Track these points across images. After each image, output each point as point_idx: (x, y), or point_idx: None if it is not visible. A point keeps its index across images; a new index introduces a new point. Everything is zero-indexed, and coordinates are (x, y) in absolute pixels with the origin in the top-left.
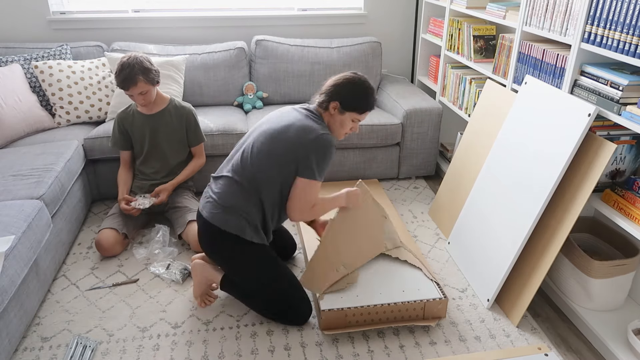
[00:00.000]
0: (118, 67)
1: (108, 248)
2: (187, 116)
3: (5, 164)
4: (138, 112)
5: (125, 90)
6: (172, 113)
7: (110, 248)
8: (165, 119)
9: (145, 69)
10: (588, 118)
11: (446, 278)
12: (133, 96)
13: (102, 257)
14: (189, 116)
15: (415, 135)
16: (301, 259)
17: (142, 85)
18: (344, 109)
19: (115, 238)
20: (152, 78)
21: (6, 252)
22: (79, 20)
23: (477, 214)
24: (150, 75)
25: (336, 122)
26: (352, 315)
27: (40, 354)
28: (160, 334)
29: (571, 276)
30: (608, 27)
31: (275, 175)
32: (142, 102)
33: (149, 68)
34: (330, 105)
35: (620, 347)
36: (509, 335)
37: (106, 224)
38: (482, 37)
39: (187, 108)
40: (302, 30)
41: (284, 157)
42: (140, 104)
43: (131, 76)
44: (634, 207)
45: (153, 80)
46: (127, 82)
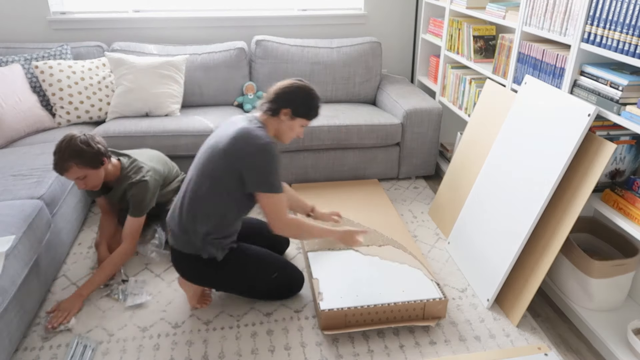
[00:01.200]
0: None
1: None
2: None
3: (5, 164)
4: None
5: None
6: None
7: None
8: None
9: (79, 153)
10: (588, 118)
11: (446, 278)
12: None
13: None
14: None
15: (415, 135)
16: (300, 259)
17: (76, 170)
18: (295, 115)
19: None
20: (89, 160)
21: (6, 252)
22: (79, 20)
23: (477, 213)
24: (84, 158)
25: (286, 127)
26: (352, 315)
27: (41, 354)
28: (160, 333)
29: (571, 276)
30: (608, 27)
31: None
32: (84, 187)
33: (84, 151)
34: (281, 112)
35: (620, 347)
36: (509, 335)
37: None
38: (482, 37)
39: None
40: (302, 30)
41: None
42: (80, 189)
43: (61, 162)
44: (634, 207)
45: (92, 162)
46: (58, 168)
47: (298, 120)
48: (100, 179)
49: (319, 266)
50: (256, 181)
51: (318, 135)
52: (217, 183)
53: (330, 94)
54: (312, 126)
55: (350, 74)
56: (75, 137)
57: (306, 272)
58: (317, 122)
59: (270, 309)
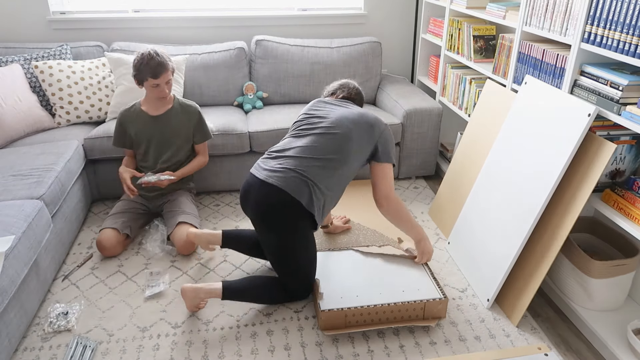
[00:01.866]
0: (144, 58)
1: (109, 248)
2: (194, 115)
3: (5, 164)
4: (142, 112)
5: (155, 79)
6: (179, 111)
7: (111, 248)
8: (172, 118)
9: (168, 59)
10: (588, 118)
11: (446, 278)
12: (159, 86)
13: (102, 257)
14: (196, 115)
15: (415, 135)
16: None
17: (169, 74)
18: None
19: (117, 238)
20: (173, 70)
21: (6, 252)
22: (79, 20)
23: (477, 214)
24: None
25: None
26: (352, 315)
27: (40, 354)
28: (160, 334)
29: (571, 276)
30: (608, 27)
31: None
32: (164, 94)
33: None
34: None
35: (620, 347)
36: (509, 335)
37: (107, 224)
38: (482, 37)
39: (193, 106)
40: (302, 30)
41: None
42: (161, 96)
43: (164, 62)
44: (634, 207)
45: (173, 70)
46: (161, 67)
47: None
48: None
49: (319, 266)
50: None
51: None
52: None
53: None
54: None
55: (350, 74)
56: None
57: None
58: None
59: (270, 309)
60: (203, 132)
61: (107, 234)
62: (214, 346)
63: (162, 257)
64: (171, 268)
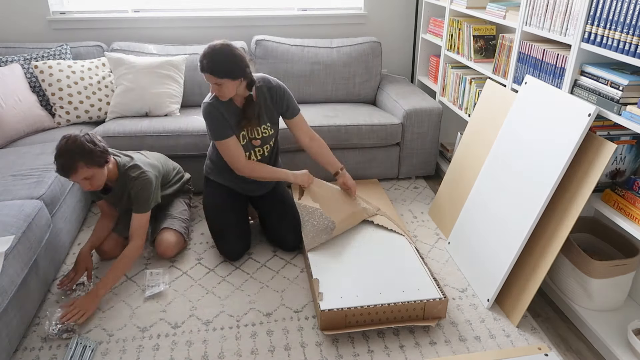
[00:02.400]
0: (56, 151)
1: (108, 251)
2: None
3: (5, 164)
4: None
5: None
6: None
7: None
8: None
9: (87, 152)
10: (588, 118)
11: (446, 278)
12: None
13: (101, 258)
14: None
15: (415, 135)
16: (300, 259)
17: (84, 170)
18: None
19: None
20: (97, 158)
21: (6, 252)
22: (79, 20)
23: (477, 214)
24: (92, 157)
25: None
26: (352, 315)
27: (40, 354)
28: (160, 334)
29: (571, 276)
30: (608, 27)
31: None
32: (89, 188)
33: (92, 150)
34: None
35: (620, 347)
36: (509, 335)
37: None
38: (482, 37)
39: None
40: (302, 30)
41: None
42: (85, 189)
43: (69, 163)
44: (634, 207)
45: (99, 160)
46: (66, 170)
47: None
48: (104, 177)
49: (319, 266)
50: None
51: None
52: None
53: (330, 94)
54: (312, 126)
55: (350, 74)
56: (79, 137)
57: (306, 272)
58: (317, 122)
59: (270, 309)
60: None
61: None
62: (214, 346)
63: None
64: (171, 268)
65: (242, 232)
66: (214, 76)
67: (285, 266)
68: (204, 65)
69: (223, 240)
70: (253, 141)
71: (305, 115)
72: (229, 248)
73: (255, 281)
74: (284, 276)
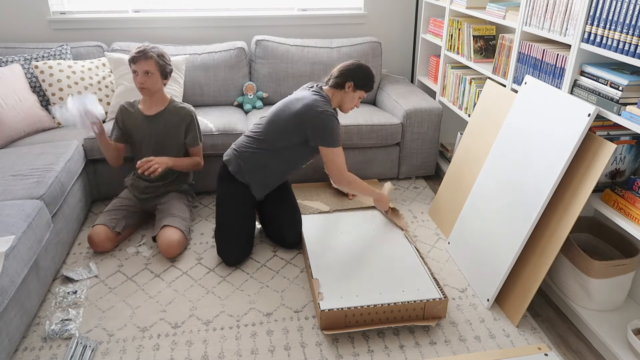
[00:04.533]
0: (139, 46)
1: (98, 243)
2: (187, 117)
3: (5, 164)
4: (138, 110)
5: (133, 64)
6: (171, 113)
7: (100, 243)
8: (164, 120)
9: (161, 55)
10: (588, 118)
11: (446, 278)
12: (136, 73)
13: (102, 258)
14: (189, 117)
15: (415, 135)
16: (300, 259)
17: (152, 64)
18: (356, 87)
19: (106, 234)
20: (163, 66)
21: (6, 252)
22: (79, 20)
23: (477, 214)
24: (162, 61)
25: (348, 98)
26: (352, 315)
27: (40, 354)
28: (160, 334)
29: (571, 276)
30: (608, 27)
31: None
32: (142, 83)
33: (165, 56)
34: (346, 85)
35: (620, 347)
36: (509, 335)
37: (100, 220)
38: (482, 37)
39: (186, 109)
40: (302, 30)
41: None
42: (139, 84)
43: (147, 52)
44: (634, 207)
45: (163, 68)
46: (140, 54)
47: (358, 92)
48: (159, 85)
49: (319, 266)
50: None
51: None
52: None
53: None
54: None
55: None
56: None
57: (306, 272)
58: None
59: (270, 308)
60: (194, 135)
61: (97, 229)
62: (214, 346)
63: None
64: (171, 268)
65: (246, 243)
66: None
67: (285, 266)
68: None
69: (225, 245)
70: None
71: None
72: (229, 254)
73: (255, 281)
74: (284, 276)
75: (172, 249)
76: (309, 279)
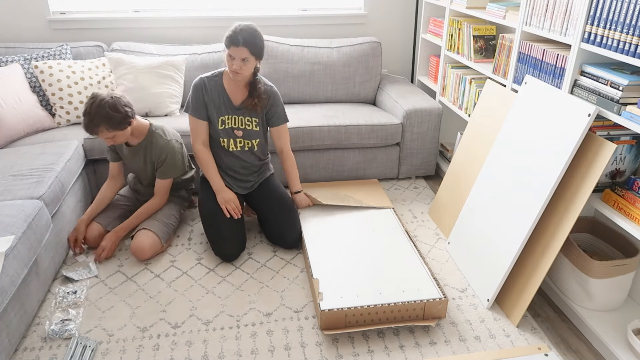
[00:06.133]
0: (84, 108)
1: (91, 240)
2: (163, 154)
3: (5, 164)
4: None
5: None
6: (151, 147)
7: (92, 240)
8: (140, 152)
9: (107, 117)
10: (588, 118)
11: (446, 278)
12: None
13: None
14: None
15: (415, 135)
16: (300, 259)
17: (106, 133)
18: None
19: (99, 232)
20: (118, 124)
21: (6, 252)
22: (79, 20)
23: (477, 214)
24: (113, 122)
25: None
26: (352, 315)
27: (40, 354)
28: (160, 334)
29: (571, 276)
30: (608, 27)
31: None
32: (110, 144)
33: (112, 116)
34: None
35: (620, 347)
36: (509, 335)
37: (96, 218)
38: (482, 37)
39: (164, 145)
40: (302, 30)
41: None
42: (108, 145)
43: (92, 126)
44: (634, 207)
45: (120, 125)
46: (88, 130)
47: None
48: (127, 136)
49: (319, 266)
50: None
51: (318, 136)
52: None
53: (330, 94)
54: (312, 126)
55: (350, 74)
56: (104, 102)
57: (306, 272)
58: (317, 122)
59: (270, 309)
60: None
61: (91, 227)
62: (214, 346)
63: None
64: (171, 268)
65: (237, 235)
66: (248, 50)
67: (285, 266)
68: (242, 38)
69: (218, 242)
70: (235, 131)
71: (306, 115)
72: (224, 250)
73: (255, 281)
74: (284, 276)
75: (140, 252)
76: (309, 279)
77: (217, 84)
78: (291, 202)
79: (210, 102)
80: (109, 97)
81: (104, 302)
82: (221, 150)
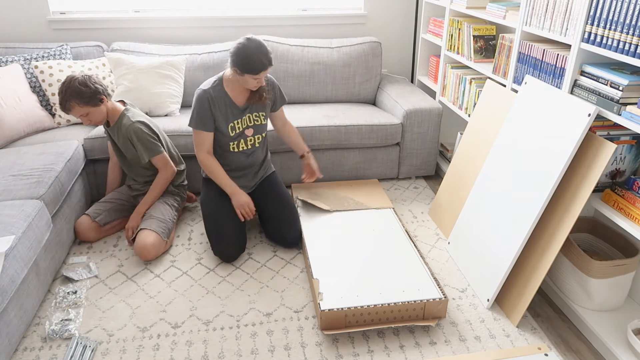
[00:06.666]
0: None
1: (80, 232)
2: (129, 135)
3: (5, 164)
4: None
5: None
6: (120, 129)
7: (81, 233)
8: (116, 134)
9: (78, 92)
10: (588, 118)
11: (446, 278)
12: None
13: (102, 258)
14: (131, 135)
15: (415, 135)
16: (300, 259)
17: (78, 109)
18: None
19: (88, 225)
20: (89, 99)
21: (6, 252)
22: (79, 20)
23: (477, 214)
24: (84, 97)
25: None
26: (352, 315)
27: (40, 354)
28: (160, 334)
29: (571, 276)
30: (608, 27)
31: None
32: (88, 123)
33: (82, 91)
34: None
35: (620, 347)
36: (509, 335)
37: (88, 210)
38: (482, 37)
39: (129, 127)
40: (302, 30)
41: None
42: (86, 124)
43: (64, 102)
44: (634, 207)
45: (90, 101)
46: (62, 107)
47: (247, 75)
48: (103, 115)
49: (319, 266)
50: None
51: (318, 135)
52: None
53: (330, 94)
54: (312, 126)
55: (350, 74)
56: (75, 79)
57: (306, 272)
58: (317, 122)
59: (270, 309)
60: (142, 151)
61: (80, 219)
62: (214, 346)
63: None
64: (171, 268)
65: (238, 236)
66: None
67: (285, 266)
68: (267, 60)
69: (219, 243)
70: (246, 130)
71: (306, 115)
72: (224, 251)
73: (255, 281)
74: (284, 276)
75: (146, 252)
76: (309, 278)
77: (220, 92)
78: (292, 201)
79: (218, 113)
80: (80, 76)
81: (104, 302)
82: (227, 152)
